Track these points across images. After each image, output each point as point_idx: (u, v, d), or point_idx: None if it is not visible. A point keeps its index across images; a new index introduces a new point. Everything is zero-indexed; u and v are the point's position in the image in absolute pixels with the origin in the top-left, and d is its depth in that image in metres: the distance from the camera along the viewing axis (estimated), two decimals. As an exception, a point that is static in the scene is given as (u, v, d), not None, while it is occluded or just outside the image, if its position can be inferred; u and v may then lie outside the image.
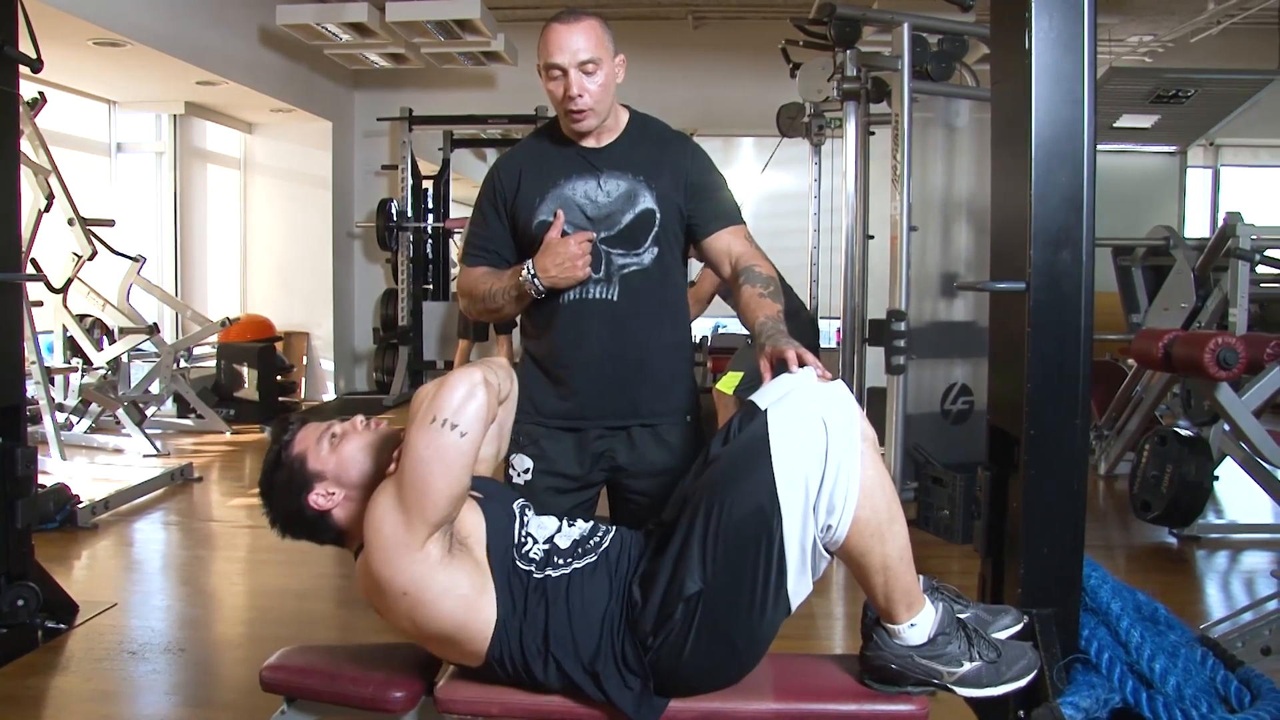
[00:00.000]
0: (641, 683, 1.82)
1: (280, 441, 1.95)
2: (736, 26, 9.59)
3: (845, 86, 5.31)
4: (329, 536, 1.95)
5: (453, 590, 1.78)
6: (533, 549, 1.90)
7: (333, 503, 1.90)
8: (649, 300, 2.33)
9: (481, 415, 1.73)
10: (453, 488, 1.72)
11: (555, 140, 2.35)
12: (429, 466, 1.70)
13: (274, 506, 1.96)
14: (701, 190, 2.35)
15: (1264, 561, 4.63)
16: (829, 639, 3.72)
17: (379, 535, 1.74)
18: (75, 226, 6.32)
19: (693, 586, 1.77)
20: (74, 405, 7.21)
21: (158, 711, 3.09)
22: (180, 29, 6.96)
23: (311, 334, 9.75)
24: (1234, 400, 4.14)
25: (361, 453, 1.91)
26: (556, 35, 2.23)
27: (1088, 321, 2.06)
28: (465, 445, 1.71)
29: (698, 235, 2.37)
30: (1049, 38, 2.02)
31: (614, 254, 2.29)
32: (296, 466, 1.91)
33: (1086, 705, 1.93)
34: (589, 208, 2.28)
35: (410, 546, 1.73)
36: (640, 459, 2.36)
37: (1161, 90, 7.22)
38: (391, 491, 1.74)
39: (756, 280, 2.28)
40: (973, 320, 5.53)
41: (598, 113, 2.24)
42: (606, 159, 2.30)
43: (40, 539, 3.87)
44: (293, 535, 1.97)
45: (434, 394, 1.74)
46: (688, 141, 2.42)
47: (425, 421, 1.71)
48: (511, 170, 2.36)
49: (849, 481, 1.74)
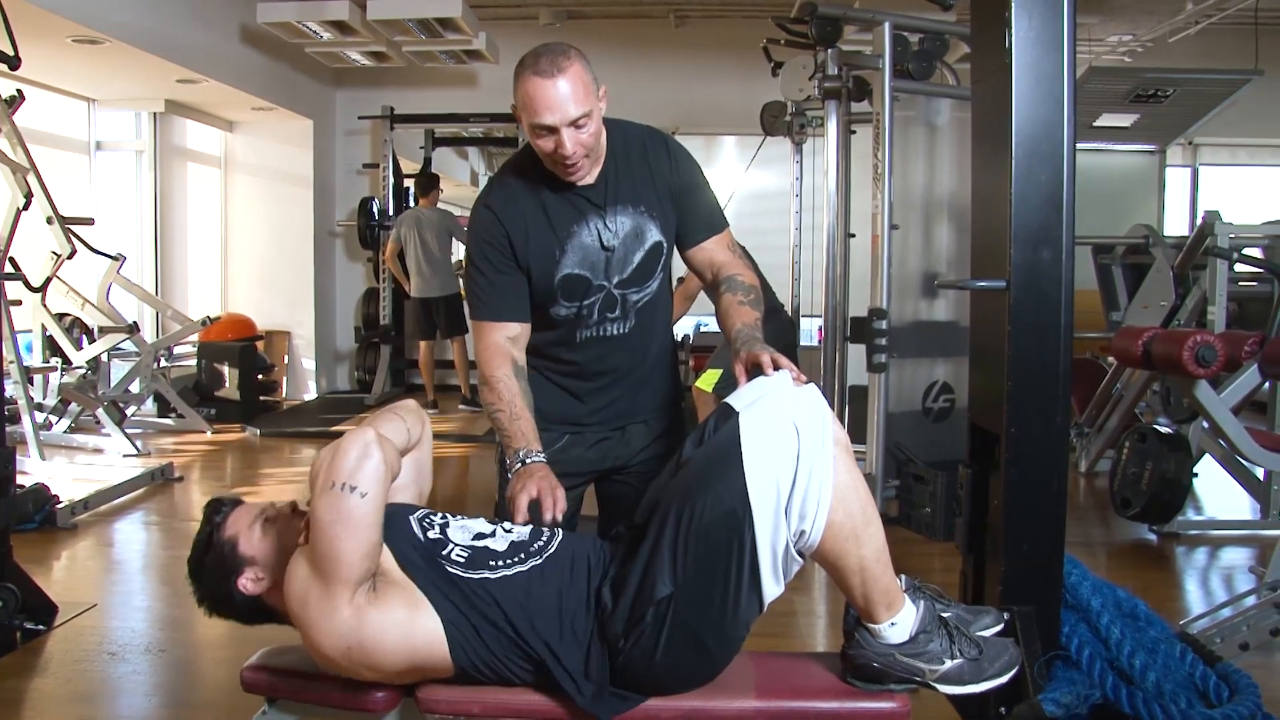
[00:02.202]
0: (601, 684, 1.83)
1: (212, 523, 1.96)
2: (718, 25, 9.59)
3: (826, 85, 5.31)
4: (257, 619, 1.98)
5: (390, 623, 1.79)
6: (454, 550, 1.90)
7: (261, 588, 1.92)
8: (653, 320, 2.38)
9: (379, 474, 1.75)
10: (362, 547, 1.74)
11: (545, 178, 2.23)
12: (334, 530, 1.71)
13: (202, 587, 1.97)
14: (685, 197, 2.34)
15: (1242, 558, 4.67)
16: (810, 637, 3.73)
17: (304, 609, 1.77)
18: (54, 225, 6.26)
19: (663, 590, 1.77)
20: (53, 405, 7.17)
21: (138, 712, 3.07)
22: (160, 27, 6.91)
23: (293, 333, 9.72)
24: (1212, 397, 4.16)
25: (293, 538, 1.89)
26: (542, 92, 2.04)
27: (1068, 319, 2.06)
28: (367, 506, 1.73)
29: (682, 245, 2.38)
30: (1029, 37, 2.03)
31: (629, 294, 2.30)
32: (227, 550, 1.93)
33: (1067, 701, 1.94)
34: (601, 253, 2.25)
35: (337, 609, 1.75)
36: (633, 452, 2.43)
37: (1141, 90, 7.26)
38: (304, 562, 1.77)
39: (737, 288, 2.29)
40: (954, 320, 5.55)
41: (591, 160, 2.19)
42: (605, 195, 2.25)
43: (19, 539, 3.84)
44: (222, 616, 1.99)
45: (329, 460, 1.75)
46: (667, 144, 2.36)
47: (325, 489, 1.73)
48: (514, 219, 2.25)
49: (821, 485, 1.74)
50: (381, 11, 7.56)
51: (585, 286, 2.26)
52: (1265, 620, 3.24)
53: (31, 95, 6.21)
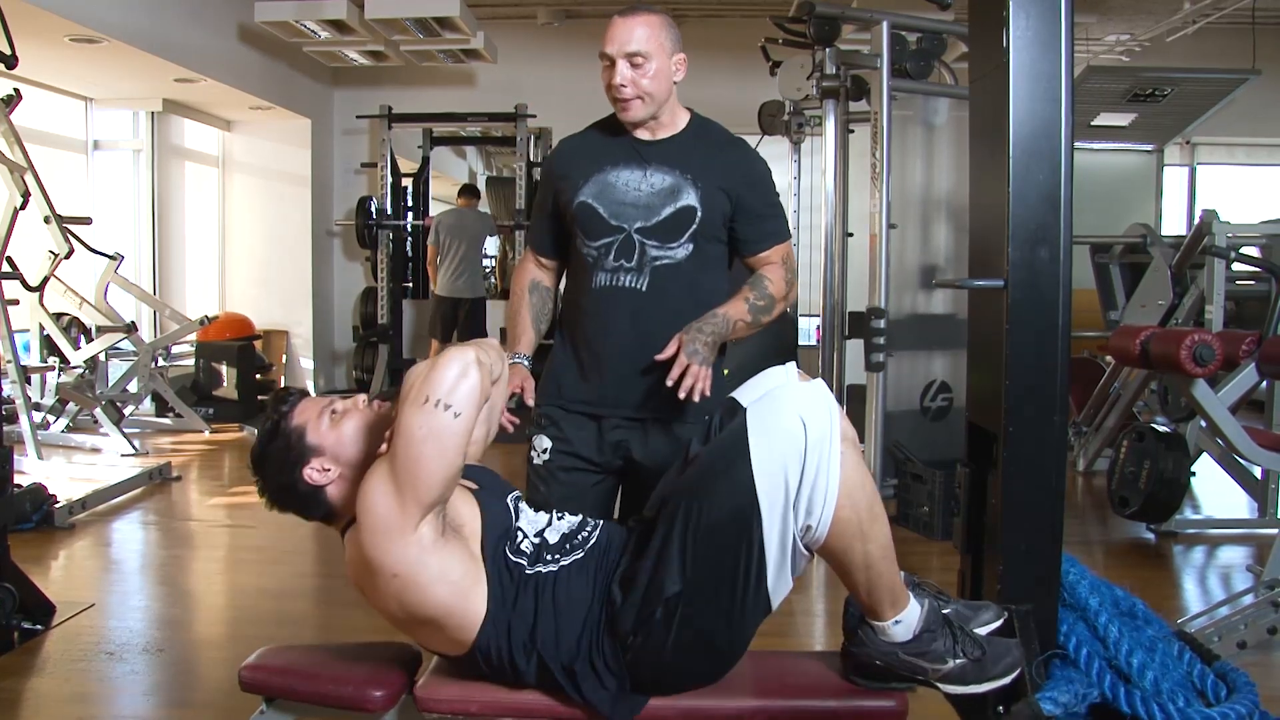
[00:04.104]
0: (618, 683, 1.82)
1: (279, 411, 1.91)
2: (716, 25, 9.59)
3: (824, 85, 5.32)
4: (319, 513, 1.92)
5: (444, 577, 1.76)
6: (524, 542, 1.89)
7: (328, 479, 1.87)
8: (678, 295, 2.35)
9: (474, 395, 1.70)
10: (446, 469, 1.69)
11: (612, 130, 2.42)
12: (422, 447, 1.67)
13: (266, 476, 1.92)
14: (749, 206, 2.40)
15: (1240, 556, 4.67)
16: (809, 636, 3.73)
17: (371, 515, 1.71)
18: (52, 224, 6.26)
19: (672, 587, 1.76)
20: (51, 404, 7.17)
21: (136, 712, 3.07)
22: (158, 26, 6.91)
23: (291, 332, 9.71)
24: (1210, 396, 4.16)
25: (361, 431, 1.89)
26: (613, 26, 2.29)
27: (1066, 319, 2.06)
28: (459, 426, 1.68)
29: (744, 251, 2.44)
30: (1027, 36, 2.03)
31: (648, 244, 2.33)
32: (294, 438, 1.88)
33: (1065, 700, 1.94)
34: (629, 195, 2.34)
35: (404, 528, 1.70)
36: (653, 454, 2.37)
37: (1138, 89, 7.27)
38: (384, 471, 1.71)
39: (758, 286, 2.38)
40: (951, 314, 5.55)
41: (645, 104, 2.31)
42: (657, 153, 2.36)
43: (17, 539, 3.84)
44: (281, 507, 1.93)
45: (427, 374, 1.70)
46: (745, 149, 2.46)
47: (418, 401, 1.68)
48: (565, 152, 2.49)
49: (828, 480, 1.73)
50: (379, 11, 7.56)
51: (600, 223, 2.34)
52: (1263, 619, 3.25)
53: (29, 94, 6.21)
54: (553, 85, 9.06)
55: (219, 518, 5.39)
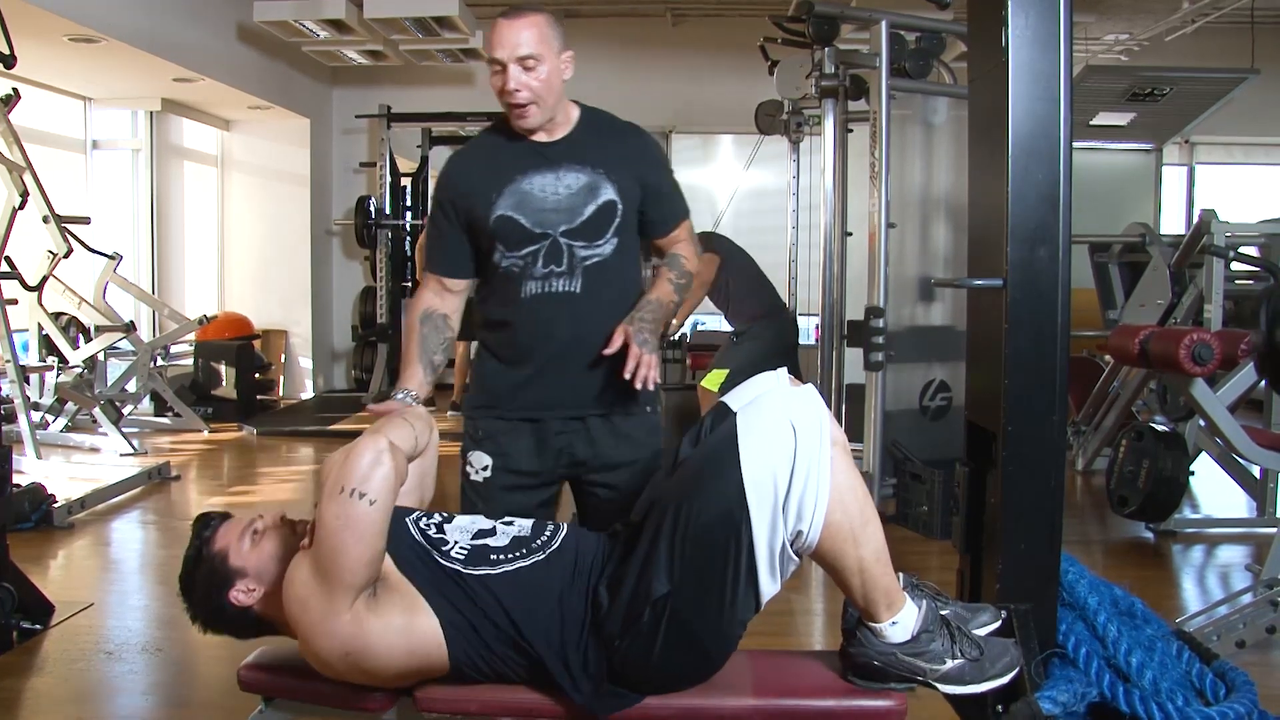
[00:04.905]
0: (604, 681, 1.83)
1: (201, 538, 1.96)
2: (715, 24, 9.59)
3: (823, 84, 5.31)
4: (250, 631, 1.97)
5: (389, 627, 1.79)
6: (453, 549, 1.90)
7: (253, 599, 1.91)
8: (610, 290, 2.36)
9: (389, 482, 1.75)
10: (366, 554, 1.74)
11: (507, 136, 2.35)
12: (340, 536, 1.72)
13: (194, 603, 1.96)
14: (657, 189, 2.42)
15: (1239, 556, 4.67)
16: (807, 636, 3.74)
17: (304, 613, 1.77)
18: (50, 224, 6.26)
19: (660, 589, 1.77)
20: (50, 404, 7.16)
21: (135, 712, 3.07)
22: (156, 25, 6.90)
23: (290, 332, 9.71)
24: (1209, 396, 4.16)
25: (282, 550, 1.91)
26: (500, 30, 2.23)
27: (1065, 318, 2.06)
28: (375, 513, 1.73)
29: (653, 234, 2.46)
30: (1026, 36, 2.03)
31: (575, 246, 2.31)
32: (217, 563, 1.92)
33: (1064, 700, 1.94)
34: (548, 200, 2.30)
35: (337, 614, 1.75)
36: (599, 454, 2.38)
37: (1137, 88, 7.27)
38: (307, 566, 1.77)
39: (674, 266, 2.45)
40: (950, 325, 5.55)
41: (539, 108, 2.26)
42: (562, 152, 2.33)
43: (16, 539, 3.84)
44: (215, 631, 1.98)
45: (341, 463, 1.75)
46: (641, 133, 2.45)
47: (334, 493, 1.73)
48: (464, 169, 2.40)
49: (818, 486, 1.74)
50: (378, 10, 7.56)
51: (522, 233, 2.30)
52: (1262, 618, 3.25)
53: (27, 94, 6.21)
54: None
55: (218, 517, 5.38)
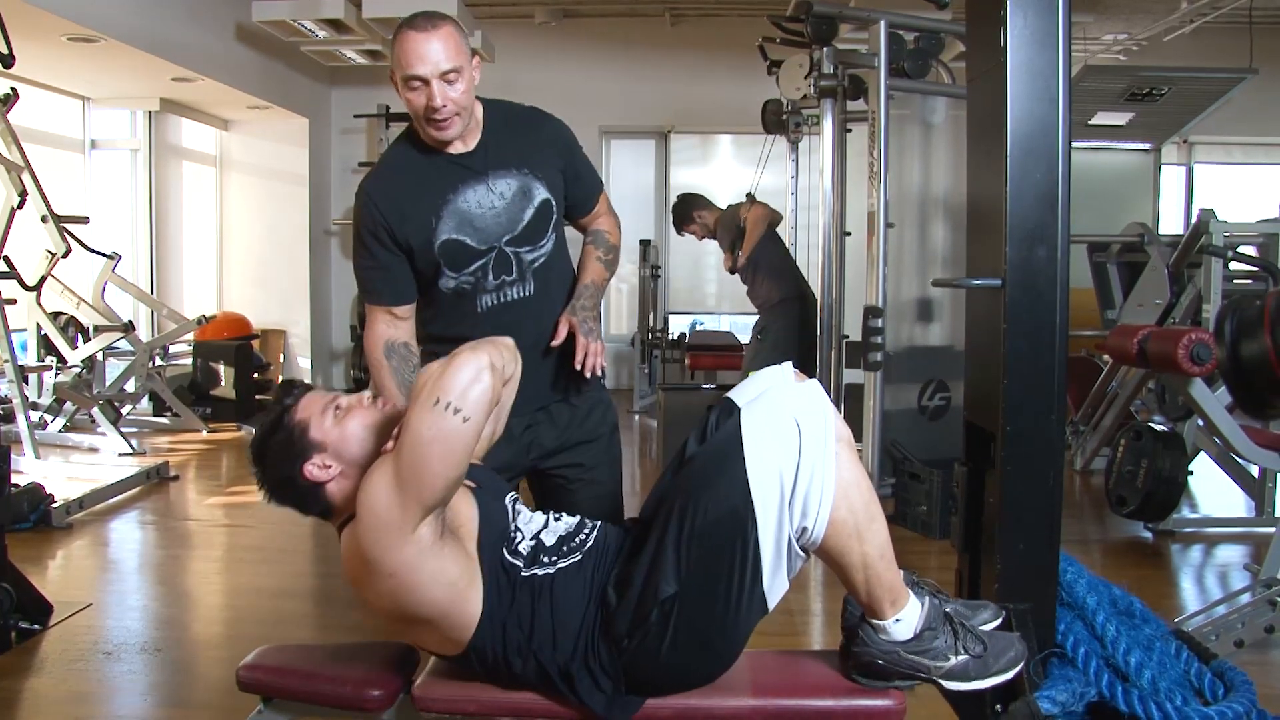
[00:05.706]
0: (613, 684, 1.82)
1: (283, 405, 1.90)
2: (714, 24, 9.59)
3: (822, 84, 5.31)
4: (317, 509, 1.90)
5: (440, 578, 1.75)
6: (521, 543, 1.89)
7: (328, 476, 1.86)
8: (559, 285, 2.41)
9: (486, 401, 1.67)
10: (451, 472, 1.67)
11: (422, 152, 2.30)
12: (428, 449, 1.64)
13: (266, 470, 1.90)
14: (576, 172, 2.43)
15: (1238, 555, 4.67)
16: (807, 635, 3.73)
17: (372, 514, 1.69)
18: (49, 224, 6.26)
19: (668, 589, 1.76)
20: (48, 404, 7.15)
21: (133, 712, 3.06)
22: (155, 25, 6.90)
23: (288, 331, 9.70)
24: (1207, 395, 4.16)
25: (365, 430, 1.87)
26: (414, 44, 2.16)
27: (1063, 318, 2.07)
28: (467, 431, 1.65)
29: (577, 215, 2.49)
30: (1024, 35, 2.03)
31: (521, 252, 2.32)
32: (297, 433, 1.86)
33: (1063, 699, 1.94)
34: (487, 214, 2.28)
35: (403, 529, 1.68)
36: (563, 434, 2.42)
37: (1136, 88, 7.26)
38: (388, 471, 1.69)
39: (600, 244, 2.47)
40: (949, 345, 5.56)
41: (462, 118, 2.23)
42: (485, 159, 2.30)
43: (14, 539, 3.84)
44: (279, 501, 1.92)
45: (439, 375, 1.68)
46: (549, 118, 2.45)
47: (429, 403, 1.65)
48: (387, 195, 2.29)
49: (824, 482, 1.73)
50: (377, 10, 7.54)
51: (469, 252, 2.28)
52: (1260, 617, 3.25)
53: (26, 93, 6.21)
54: (550, 84, 9.02)
55: (217, 517, 5.38)
